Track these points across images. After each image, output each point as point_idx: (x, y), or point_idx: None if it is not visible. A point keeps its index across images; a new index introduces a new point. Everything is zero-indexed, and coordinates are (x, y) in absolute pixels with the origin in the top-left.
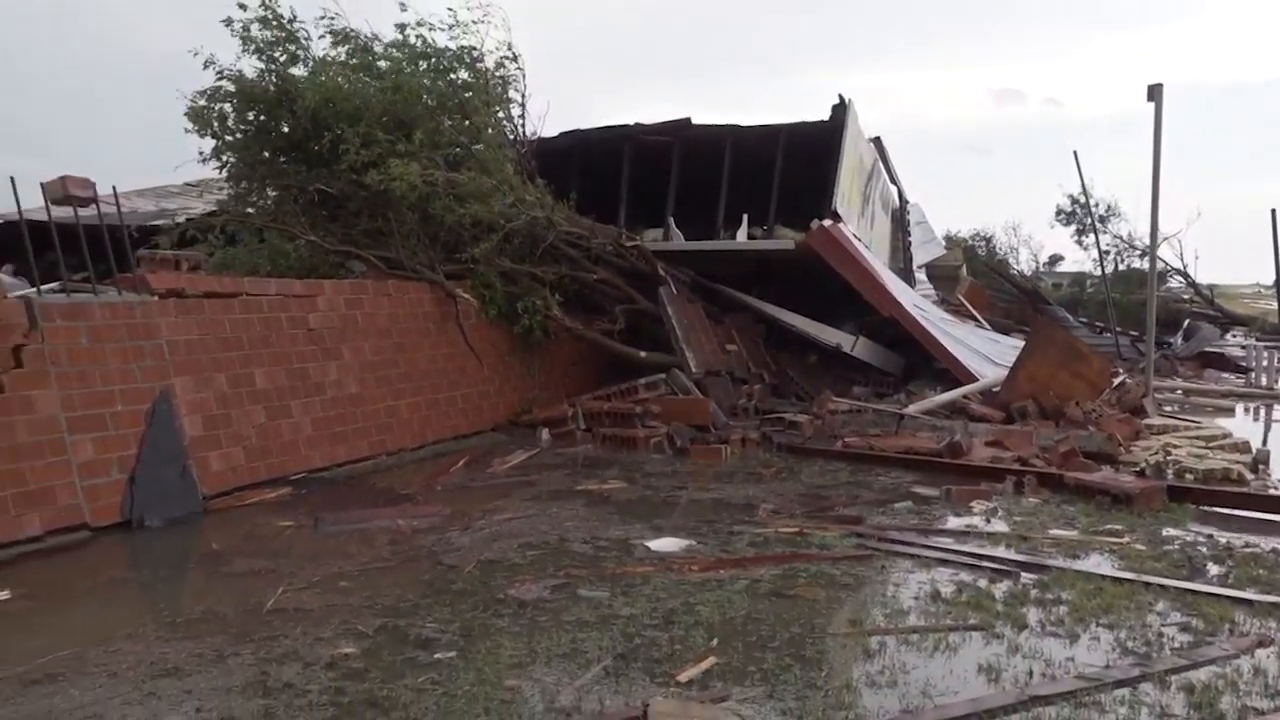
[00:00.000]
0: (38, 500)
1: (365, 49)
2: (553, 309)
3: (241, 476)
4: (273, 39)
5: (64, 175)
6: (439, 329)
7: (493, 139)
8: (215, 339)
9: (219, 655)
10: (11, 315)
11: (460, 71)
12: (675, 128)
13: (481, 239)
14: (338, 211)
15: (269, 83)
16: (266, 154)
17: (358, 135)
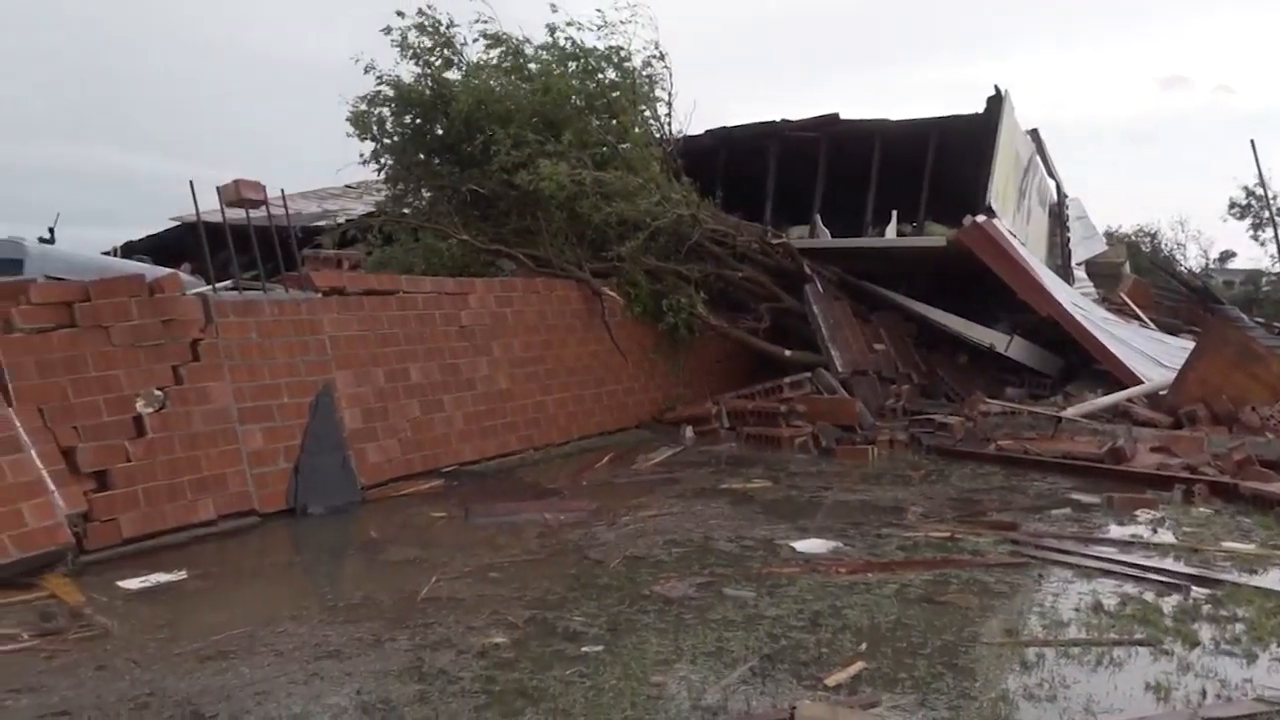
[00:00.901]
0: (211, 486)
1: (516, 51)
2: (697, 307)
3: (397, 468)
4: (429, 44)
5: (237, 179)
6: (585, 326)
7: (639, 138)
8: (374, 335)
9: (377, 640)
10: (189, 311)
11: (608, 71)
12: (822, 123)
13: (628, 237)
14: (489, 211)
15: (425, 87)
16: (422, 156)
17: (508, 136)
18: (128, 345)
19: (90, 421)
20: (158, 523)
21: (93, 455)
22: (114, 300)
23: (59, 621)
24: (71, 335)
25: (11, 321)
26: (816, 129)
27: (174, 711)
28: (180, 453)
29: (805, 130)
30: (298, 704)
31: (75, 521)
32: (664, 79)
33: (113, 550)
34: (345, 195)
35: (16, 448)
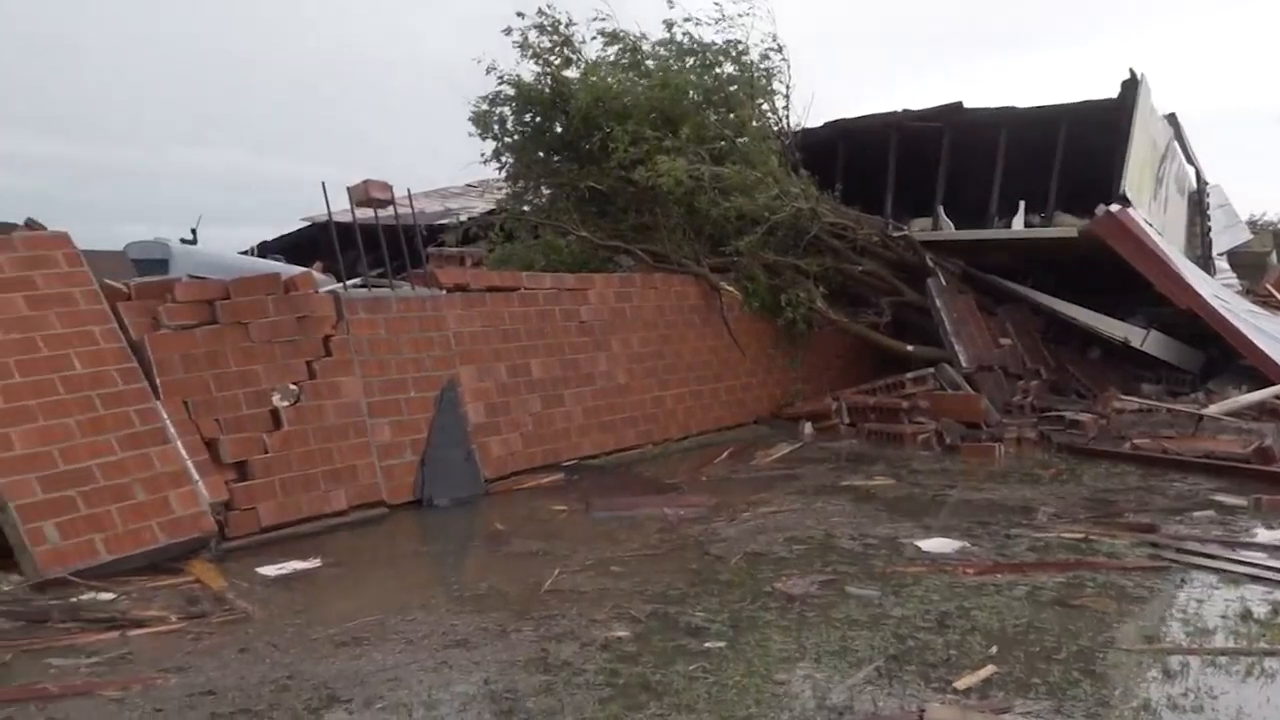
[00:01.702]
0: (343, 478)
1: (634, 48)
2: (816, 301)
3: (519, 461)
4: (548, 44)
5: (366, 180)
6: (704, 321)
7: (757, 132)
8: (496, 331)
9: (502, 630)
10: (322, 309)
11: (726, 65)
12: (945, 113)
13: (745, 232)
14: (607, 207)
15: (544, 85)
16: (541, 154)
17: (626, 133)
18: (265, 341)
19: (230, 414)
20: (293, 512)
21: (233, 447)
22: (252, 298)
23: (204, 605)
24: (213, 332)
25: (159, 319)
26: (939, 119)
27: (311, 694)
28: (314, 445)
29: (927, 120)
30: (428, 691)
31: (217, 510)
32: (781, 72)
33: (251, 538)
34: (466, 194)
35: (164, 439)
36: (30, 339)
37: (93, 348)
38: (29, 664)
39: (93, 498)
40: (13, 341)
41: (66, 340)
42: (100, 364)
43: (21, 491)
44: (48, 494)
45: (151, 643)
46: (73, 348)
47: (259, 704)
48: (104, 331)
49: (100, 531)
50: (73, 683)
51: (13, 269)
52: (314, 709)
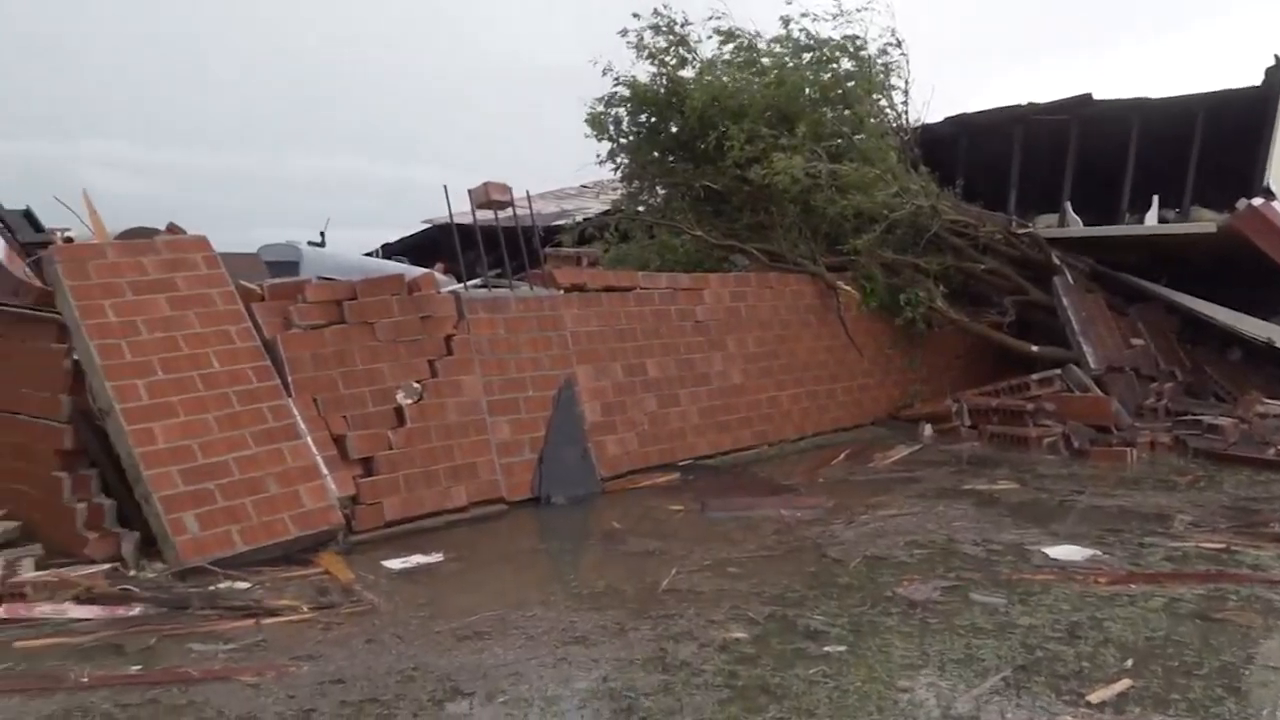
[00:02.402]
0: (463, 474)
1: (749, 46)
2: (936, 300)
3: (634, 460)
4: (664, 44)
5: (486, 182)
6: (820, 321)
7: (875, 128)
8: (612, 330)
9: (620, 628)
10: (444, 308)
11: (843, 61)
12: (1073, 105)
13: (863, 230)
14: (722, 207)
15: (660, 86)
16: (656, 154)
17: (742, 132)
18: (390, 340)
19: (357, 411)
20: (416, 508)
21: (360, 443)
22: (378, 298)
23: (332, 596)
24: (341, 331)
25: (290, 319)
26: (1066, 111)
27: (435, 686)
28: (435, 442)
29: (1054, 113)
30: (549, 686)
31: (345, 504)
32: (901, 67)
33: (376, 532)
34: (582, 195)
35: (295, 435)
36: (172, 338)
37: (229, 346)
38: (172, 648)
39: (229, 490)
40: (156, 340)
41: (205, 339)
42: (236, 362)
43: (164, 484)
44: (188, 486)
45: (284, 631)
46: (211, 346)
47: (385, 693)
48: (239, 331)
49: (236, 523)
50: (212, 668)
51: (156, 271)
52: (438, 700)
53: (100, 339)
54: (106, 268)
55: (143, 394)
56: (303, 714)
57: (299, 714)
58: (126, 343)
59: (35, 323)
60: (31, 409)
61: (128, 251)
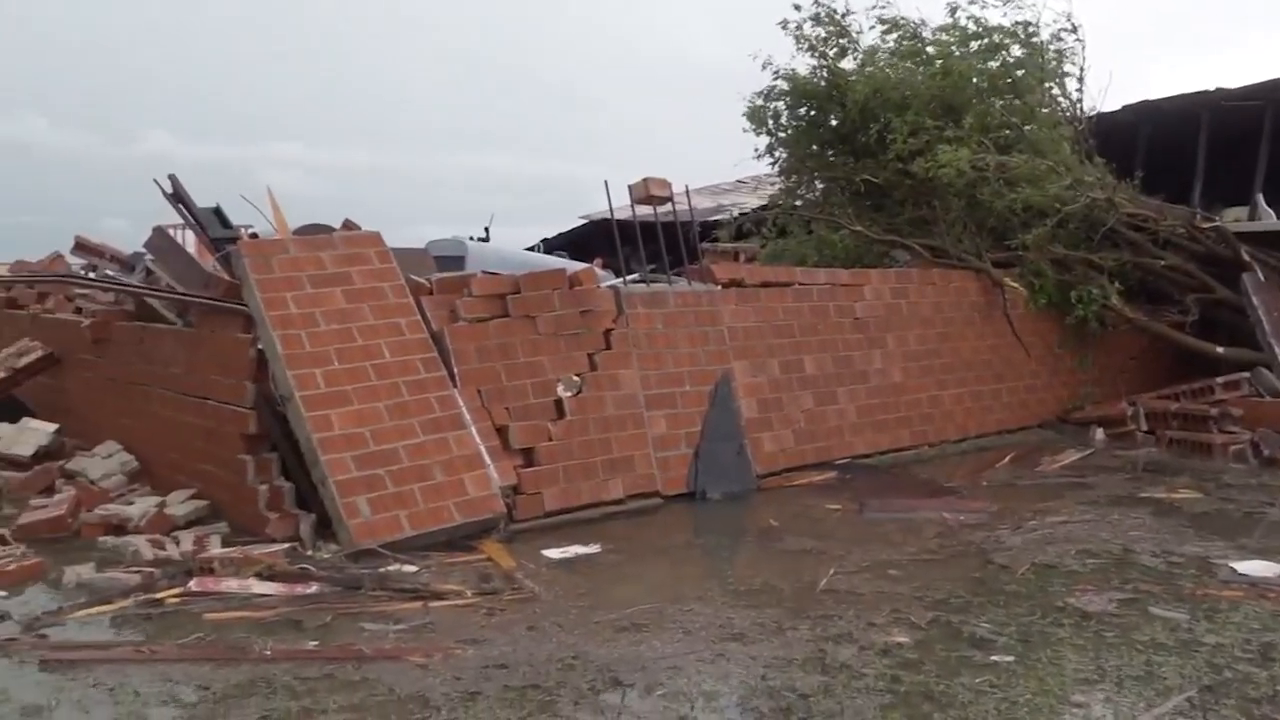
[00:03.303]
0: (620, 467)
1: (914, 35)
2: (1111, 298)
3: (790, 458)
4: (824, 35)
5: (646, 178)
6: (984, 318)
7: (1047, 118)
8: (769, 326)
9: (778, 627)
10: (604, 303)
11: (1013, 49)
12: (1267, 89)
13: (1032, 225)
14: (882, 201)
15: (820, 78)
16: (815, 148)
17: (905, 124)
18: (551, 334)
19: (519, 403)
20: (574, 499)
21: (521, 434)
22: (540, 292)
23: (495, 583)
24: (504, 324)
25: (457, 312)
26: (1259, 96)
27: (595, 676)
28: (594, 434)
29: (1245, 99)
30: (707, 682)
31: (506, 493)
32: (1075, 53)
33: (536, 521)
34: (738, 190)
35: (461, 425)
36: (347, 329)
37: (399, 338)
38: (346, 626)
39: (398, 477)
40: (333, 332)
41: (377, 331)
42: (406, 353)
43: (339, 468)
44: (360, 472)
45: (450, 615)
46: (383, 338)
47: (547, 680)
48: (409, 323)
49: (404, 508)
50: (383, 647)
51: (333, 265)
52: (597, 690)
53: (282, 329)
54: (288, 262)
55: (320, 382)
56: (468, 696)
57: (464, 696)
58: (306, 333)
59: (224, 314)
60: (220, 395)
61: (308, 247)
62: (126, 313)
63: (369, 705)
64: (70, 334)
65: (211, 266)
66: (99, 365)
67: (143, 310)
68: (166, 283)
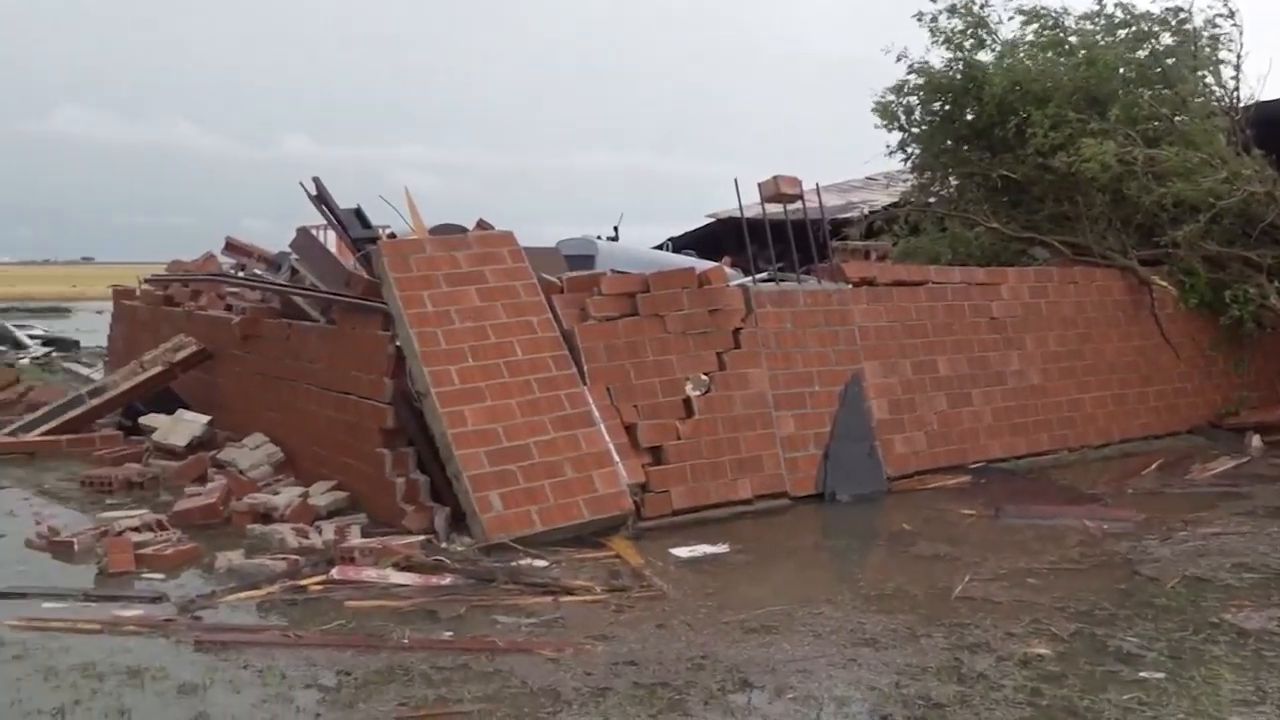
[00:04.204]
0: (748, 467)
1: (1055, 24)
2: (1270, 298)
3: (922, 461)
4: (960, 27)
5: (776, 175)
6: (1129, 319)
7: (1200, 108)
8: (902, 326)
9: (911, 633)
10: (733, 302)
11: (1163, 36)
12: None
13: (1183, 220)
14: (1020, 197)
15: (955, 71)
16: (949, 143)
17: (1046, 117)
18: (679, 333)
19: (647, 401)
20: (701, 498)
21: (649, 432)
22: (669, 291)
23: (624, 580)
24: (633, 323)
25: (587, 310)
26: None
27: (724, 676)
28: (722, 434)
29: None
30: (839, 687)
31: (634, 491)
32: (1231, 39)
33: (663, 519)
34: (867, 187)
35: (590, 422)
36: (481, 327)
37: (531, 336)
38: (479, 618)
39: (529, 473)
40: (467, 329)
41: (510, 329)
42: (537, 351)
43: (473, 463)
44: (493, 467)
45: (579, 610)
46: (515, 336)
47: (676, 679)
48: (541, 321)
49: (535, 504)
50: (515, 640)
51: (468, 264)
52: (726, 690)
53: (419, 327)
54: (425, 261)
55: (455, 379)
56: (598, 692)
57: (595, 691)
58: (441, 331)
59: (364, 311)
60: (360, 390)
61: (443, 246)
62: (273, 310)
63: (502, 696)
64: (221, 330)
65: (352, 266)
66: (248, 360)
67: (288, 308)
68: (310, 281)
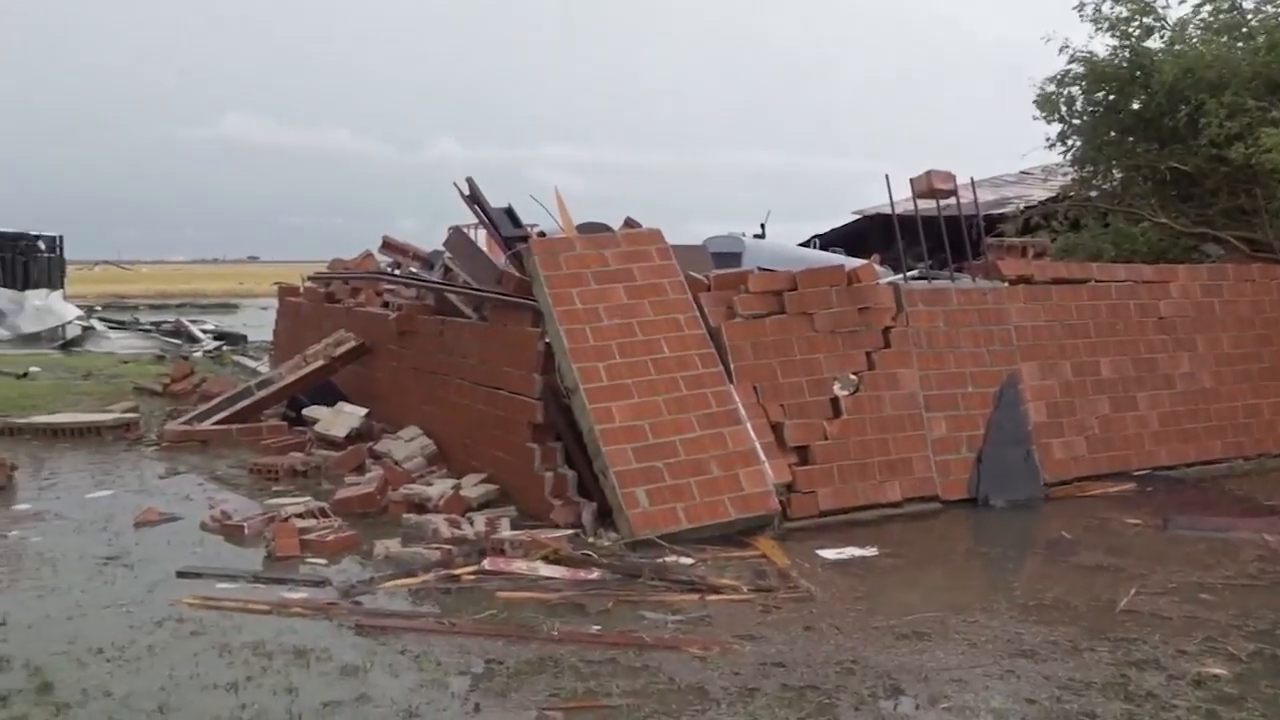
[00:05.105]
0: (898, 469)
1: (1231, 8)
2: None
3: (1082, 467)
4: (1126, 13)
5: (929, 170)
6: None
7: None
8: (1061, 325)
9: (1073, 647)
10: (883, 300)
11: None
12: None
13: None
14: (1192, 190)
15: (1121, 59)
16: (1114, 134)
17: (1222, 106)
18: (827, 331)
19: (794, 401)
20: (849, 499)
21: (796, 431)
22: (817, 289)
23: (770, 580)
24: (780, 321)
25: (734, 308)
26: None
27: (875, 682)
28: (870, 435)
29: None
30: (996, 699)
31: (780, 491)
32: None
33: (810, 520)
34: (1021, 181)
35: (736, 420)
36: (628, 324)
37: (678, 334)
38: (626, 613)
39: (675, 470)
40: (615, 327)
41: (657, 326)
42: (684, 348)
43: (620, 459)
44: (639, 464)
45: (725, 609)
46: (662, 333)
47: (825, 682)
48: (687, 319)
49: (680, 501)
50: (662, 636)
51: (616, 262)
52: (877, 696)
53: (568, 324)
54: (575, 259)
55: (602, 375)
56: (746, 692)
57: (743, 691)
58: (590, 328)
59: (515, 308)
60: (510, 385)
61: (592, 244)
62: (428, 307)
63: (650, 692)
64: (379, 326)
65: (503, 264)
66: (403, 355)
67: (442, 304)
68: (463, 279)
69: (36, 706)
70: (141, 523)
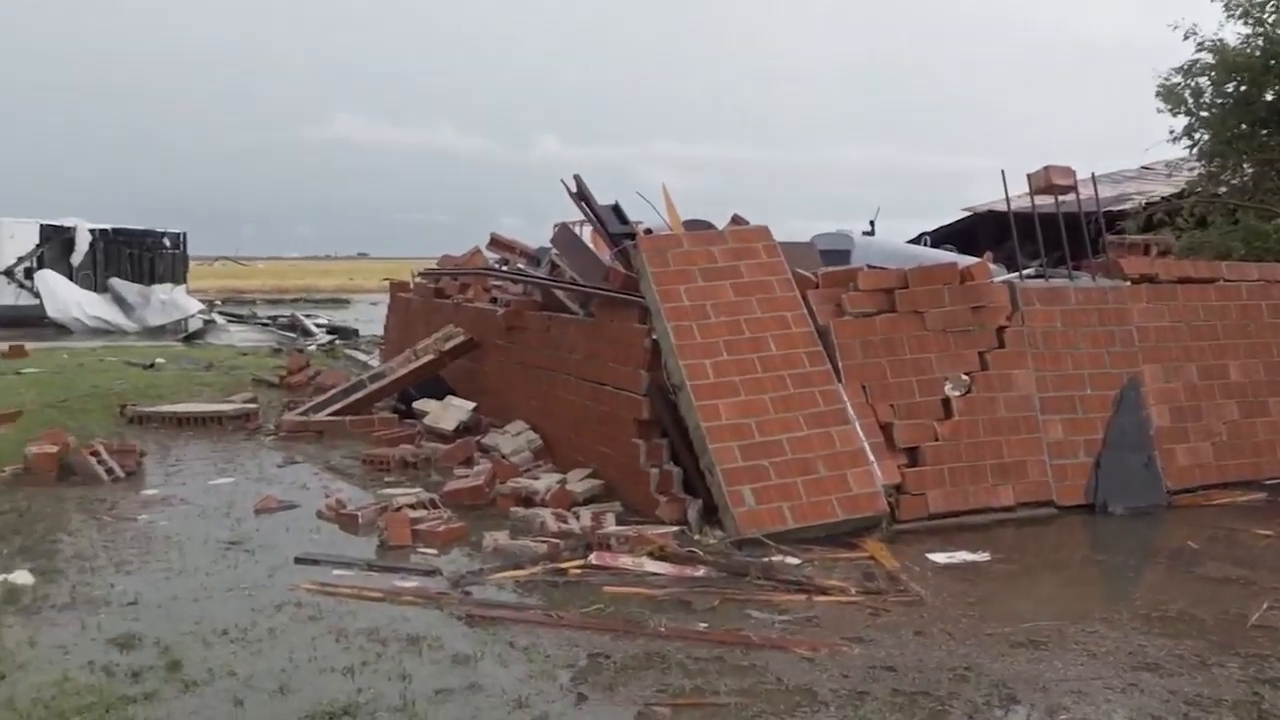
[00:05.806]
0: (1011, 473)
1: None
2: None
3: (1208, 474)
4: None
5: (1048, 166)
6: None
7: None
8: (1186, 327)
9: (1201, 661)
10: (997, 299)
11: None
12: None
13: None
14: None
15: (1254, 48)
16: (1245, 127)
17: None
18: (939, 330)
19: (904, 401)
20: (959, 502)
21: (906, 432)
22: (929, 288)
23: (879, 583)
24: (890, 320)
25: (842, 306)
26: None
27: (990, 691)
28: (983, 437)
29: None
30: (1118, 712)
31: (889, 492)
32: None
33: (919, 523)
34: (1142, 177)
35: (844, 420)
36: (736, 322)
37: (785, 331)
38: (732, 611)
39: (782, 469)
40: (722, 324)
41: (764, 324)
42: (791, 347)
43: (726, 457)
44: (746, 462)
45: (833, 611)
46: (769, 331)
47: (938, 689)
48: (795, 317)
49: (787, 501)
50: (769, 636)
51: (723, 259)
52: (993, 705)
53: (675, 321)
54: (682, 256)
55: (709, 373)
56: (856, 695)
57: (852, 694)
58: (696, 325)
59: (622, 305)
60: (616, 381)
61: (699, 241)
62: (535, 303)
63: (758, 692)
64: (487, 321)
65: (609, 260)
66: (510, 350)
67: (549, 300)
68: (570, 275)
69: (166, 684)
70: (261, 509)
